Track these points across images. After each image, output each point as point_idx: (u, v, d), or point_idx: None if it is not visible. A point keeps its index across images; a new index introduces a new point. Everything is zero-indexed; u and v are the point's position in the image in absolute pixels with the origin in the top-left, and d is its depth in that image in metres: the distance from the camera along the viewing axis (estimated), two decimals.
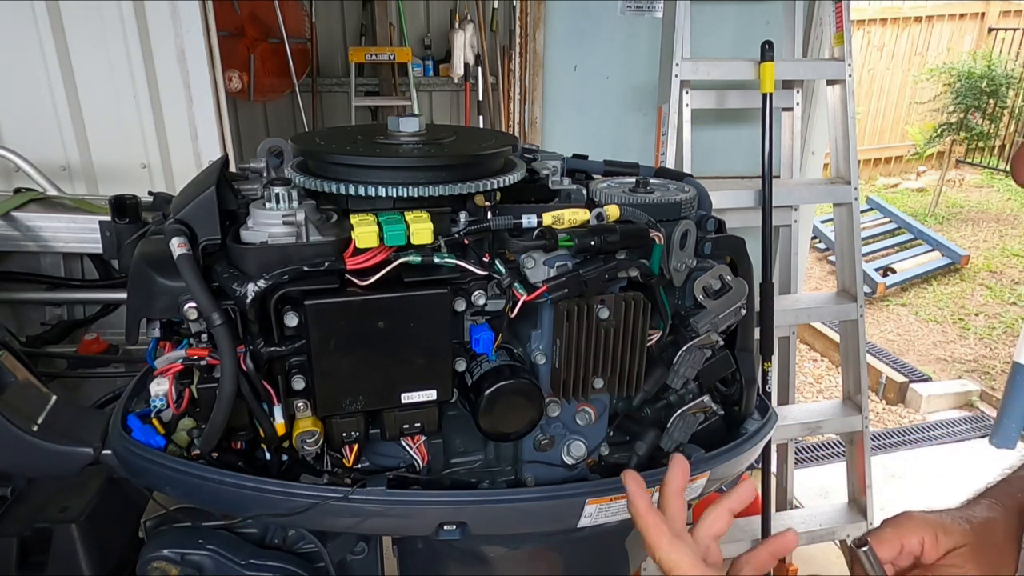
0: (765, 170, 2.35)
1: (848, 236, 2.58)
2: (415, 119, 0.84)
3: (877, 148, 9.61)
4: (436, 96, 5.19)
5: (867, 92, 9.33)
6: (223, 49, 2.27)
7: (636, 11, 3.28)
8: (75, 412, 0.95)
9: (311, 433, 0.76)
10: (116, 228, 0.97)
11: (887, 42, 9.36)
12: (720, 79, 2.48)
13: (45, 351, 1.50)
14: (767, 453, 2.47)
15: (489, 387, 0.77)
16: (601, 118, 3.48)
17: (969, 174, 9.47)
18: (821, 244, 6.93)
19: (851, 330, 2.64)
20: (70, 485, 1.07)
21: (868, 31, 9.18)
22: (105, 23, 2.05)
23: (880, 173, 9.60)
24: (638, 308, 0.79)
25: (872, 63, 9.37)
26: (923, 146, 8.80)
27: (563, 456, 0.87)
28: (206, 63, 2.15)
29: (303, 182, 0.77)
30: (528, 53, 3.43)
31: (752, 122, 2.66)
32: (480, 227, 0.77)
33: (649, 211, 0.81)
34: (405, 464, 0.84)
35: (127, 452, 0.77)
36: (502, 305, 0.78)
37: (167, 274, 0.71)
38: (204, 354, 0.72)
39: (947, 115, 8.18)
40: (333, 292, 0.72)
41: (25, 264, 1.57)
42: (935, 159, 9.23)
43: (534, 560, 0.95)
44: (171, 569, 0.84)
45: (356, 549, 0.94)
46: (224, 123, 2.26)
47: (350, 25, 5.09)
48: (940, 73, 8.38)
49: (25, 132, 2.09)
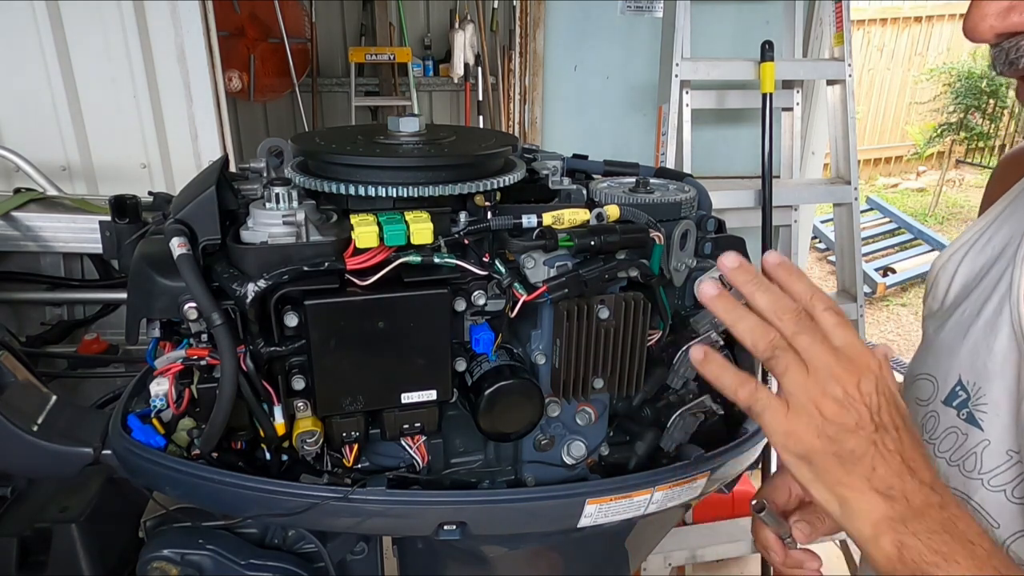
0: (765, 170, 2.36)
1: (848, 236, 2.58)
2: (415, 119, 0.84)
3: (877, 148, 9.61)
4: (436, 96, 5.19)
5: (867, 92, 9.33)
6: (223, 49, 2.27)
7: (636, 11, 3.28)
8: (75, 412, 0.95)
9: (311, 433, 0.76)
10: (116, 228, 0.97)
11: (887, 42, 9.36)
12: (720, 79, 2.48)
13: (45, 351, 1.50)
14: (767, 453, 2.47)
15: (489, 387, 0.77)
16: (601, 118, 3.49)
17: (969, 174, 9.47)
18: (821, 244, 6.93)
19: None
20: (70, 485, 1.07)
21: (868, 31, 9.18)
22: (105, 23, 2.06)
23: (880, 173, 9.60)
24: (638, 308, 0.79)
25: (872, 63, 9.37)
26: (923, 146, 8.81)
27: (563, 456, 0.87)
28: (206, 63, 2.15)
29: (303, 182, 0.77)
30: (528, 53, 3.43)
31: (752, 122, 2.66)
32: (480, 227, 0.77)
33: (649, 211, 0.81)
34: (405, 464, 0.84)
35: (127, 452, 0.77)
36: (502, 305, 0.78)
37: (167, 274, 0.71)
38: (204, 354, 0.72)
39: (947, 115, 8.19)
40: (333, 292, 0.72)
41: (25, 264, 1.57)
42: (935, 159, 9.24)
43: (534, 560, 0.95)
44: (171, 569, 0.84)
45: (356, 549, 0.94)
46: (224, 123, 2.26)
47: (350, 25, 5.09)
48: (940, 73, 8.39)
49: (25, 132, 2.09)
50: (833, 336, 0.59)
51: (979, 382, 0.73)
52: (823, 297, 0.60)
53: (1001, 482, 0.69)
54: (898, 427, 0.58)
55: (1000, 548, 0.57)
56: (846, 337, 0.59)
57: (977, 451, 0.72)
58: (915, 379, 0.83)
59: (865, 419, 0.57)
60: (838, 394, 0.57)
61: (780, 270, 0.61)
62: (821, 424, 0.57)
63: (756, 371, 0.87)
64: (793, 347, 0.59)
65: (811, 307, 0.60)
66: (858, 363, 0.58)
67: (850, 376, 0.57)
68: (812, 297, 0.60)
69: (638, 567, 2.49)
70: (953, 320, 0.79)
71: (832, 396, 0.57)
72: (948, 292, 0.83)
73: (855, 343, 0.59)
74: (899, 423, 0.58)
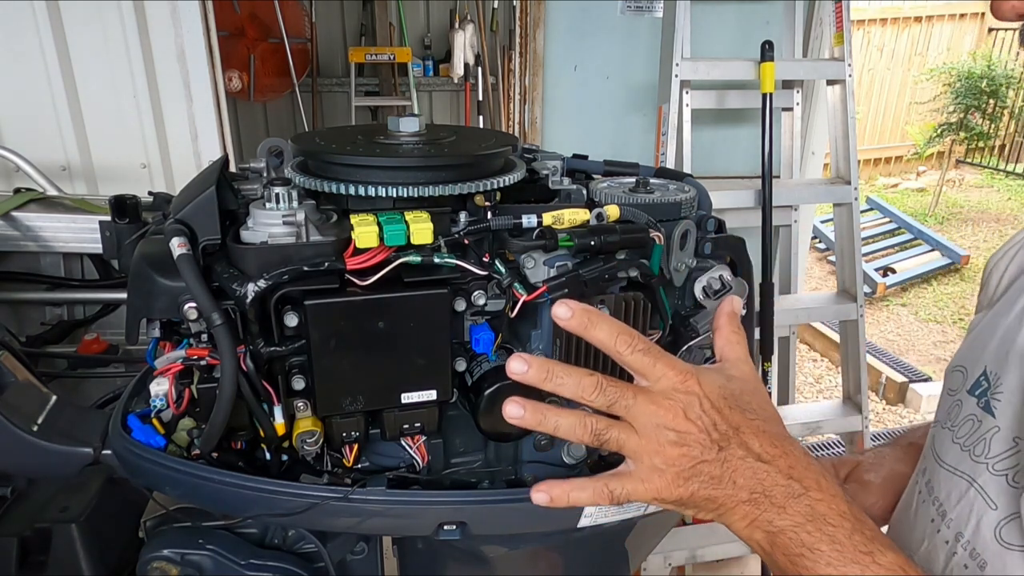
0: (765, 170, 2.36)
1: (848, 236, 2.58)
2: (415, 119, 0.84)
3: (877, 148, 9.61)
4: (436, 96, 5.19)
5: (867, 92, 9.34)
6: (223, 49, 2.27)
7: (636, 11, 3.28)
8: (75, 412, 0.95)
9: (311, 433, 0.76)
10: (116, 228, 0.97)
11: (887, 42, 9.37)
12: (720, 79, 2.48)
13: (45, 351, 1.50)
14: None
15: (489, 387, 0.77)
16: (601, 118, 3.49)
17: (969, 174, 9.48)
18: (821, 244, 6.94)
19: (851, 330, 2.64)
20: (70, 485, 1.07)
21: (868, 31, 9.18)
22: (105, 23, 2.06)
23: (880, 173, 9.61)
24: (638, 308, 0.79)
25: (872, 63, 9.38)
26: (923, 146, 8.81)
27: (563, 456, 0.87)
28: (206, 63, 2.15)
29: (303, 182, 0.77)
30: (528, 53, 3.43)
31: (752, 122, 2.67)
32: (480, 227, 0.77)
33: (649, 211, 0.81)
34: (405, 464, 0.84)
35: (127, 452, 0.77)
36: (502, 305, 0.78)
37: (167, 274, 0.71)
38: (204, 354, 0.72)
39: (947, 115, 8.19)
40: (333, 292, 0.72)
41: (25, 264, 1.57)
42: (935, 159, 9.24)
43: (534, 560, 0.95)
44: (171, 569, 0.84)
45: (356, 549, 0.94)
46: (224, 123, 2.26)
47: (350, 25, 5.09)
48: (940, 73, 8.39)
49: (25, 132, 2.09)
50: (647, 376, 0.60)
51: (999, 372, 0.75)
52: (625, 336, 0.60)
53: (1005, 467, 0.70)
54: (738, 426, 0.59)
55: (865, 520, 0.59)
56: (656, 370, 0.59)
57: (987, 437, 0.73)
58: (951, 371, 0.85)
59: (707, 444, 0.58)
60: (672, 437, 0.58)
61: (573, 323, 0.59)
62: (674, 472, 0.59)
63: (756, 371, 0.87)
64: (615, 416, 0.60)
65: (617, 354, 0.60)
66: (677, 396, 0.59)
67: (674, 414, 0.58)
68: (616, 342, 0.59)
69: (638, 567, 2.49)
70: (991, 313, 0.81)
71: (669, 442, 0.58)
72: (996, 288, 0.85)
73: (667, 373, 0.59)
74: (738, 420, 0.59)
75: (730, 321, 0.69)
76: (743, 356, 0.66)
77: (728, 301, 0.71)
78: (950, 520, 0.75)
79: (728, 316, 0.69)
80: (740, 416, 0.60)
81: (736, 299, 0.71)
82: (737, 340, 0.67)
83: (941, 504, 0.77)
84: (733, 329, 0.68)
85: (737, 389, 0.62)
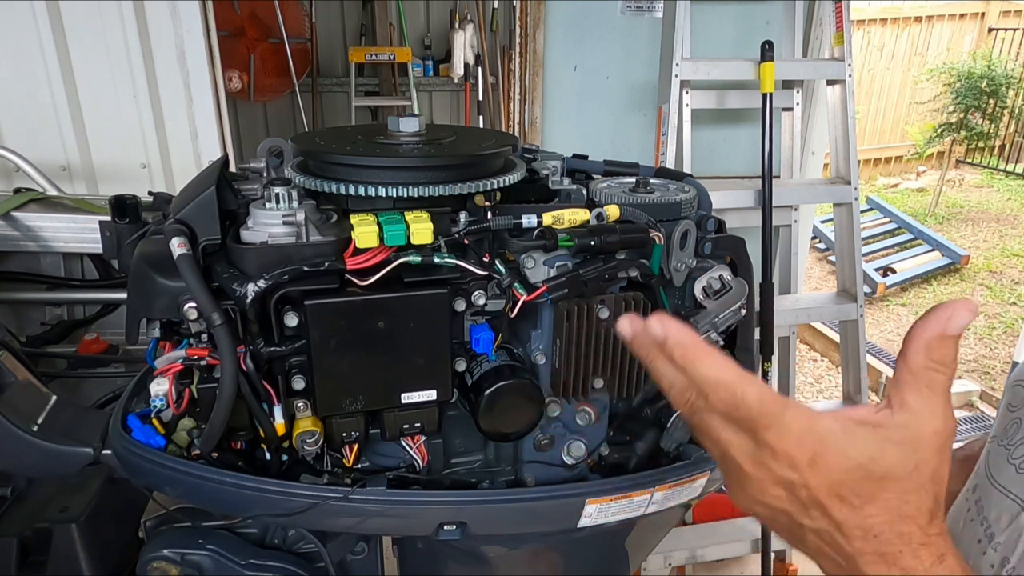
0: (765, 170, 2.36)
1: (848, 236, 2.58)
2: (415, 119, 0.84)
3: (877, 148, 9.61)
4: (436, 96, 5.19)
5: (867, 92, 9.33)
6: (223, 49, 2.27)
7: (636, 11, 3.28)
8: (75, 412, 0.95)
9: (311, 433, 0.76)
10: (116, 228, 0.97)
11: (887, 42, 9.36)
12: (720, 79, 2.48)
13: (45, 351, 1.50)
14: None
15: (489, 387, 0.77)
16: (601, 118, 3.48)
17: (969, 174, 9.47)
18: (821, 244, 6.93)
19: (851, 330, 2.64)
20: (70, 485, 1.07)
21: (868, 31, 9.18)
22: (105, 23, 2.06)
23: (880, 173, 9.60)
24: (638, 308, 0.79)
25: (872, 63, 9.37)
26: (923, 146, 8.80)
27: (563, 456, 0.87)
28: (206, 63, 2.15)
29: (303, 182, 0.77)
30: (528, 53, 3.43)
31: (752, 122, 2.66)
32: (480, 227, 0.77)
33: (649, 211, 0.81)
34: (405, 464, 0.84)
35: (127, 452, 0.77)
36: (502, 305, 0.78)
37: (167, 274, 0.71)
38: (204, 354, 0.72)
39: (947, 115, 8.18)
40: (333, 292, 0.72)
41: (25, 264, 1.57)
42: (935, 159, 9.24)
43: (534, 560, 0.95)
44: (171, 569, 0.84)
45: (356, 549, 0.94)
46: (224, 123, 2.26)
47: (350, 25, 5.09)
48: (940, 73, 8.39)
49: (25, 132, 2.09)
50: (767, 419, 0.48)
51: None
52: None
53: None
54: (840, 524, 0.47)
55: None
56: (784, 422, 0.47)
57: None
58: (1013, 385, 0.80)
59: (792, 525, 0.50)
60: (766, 487, 0.49)
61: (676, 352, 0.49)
62: (758, 504, 0.51)
63: (756, 371, 0.87)
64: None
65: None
66: (779, 468, 0.48)
67: (772, 480, 0.48)
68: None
69: (638, 567, 2.49)
70: None
71: (764, 480, 0.49)
72: None
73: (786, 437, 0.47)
74: (843, 517, 0.47)
75: (942, 346, 0.46)
76: (937, 410, 0.47)
77: (943, 318, 0.46)
78: (997, 544, 0.70)
79: (940, 341, 0.46)
80: (848, 513, 0.47)
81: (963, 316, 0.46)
82: (941, 384, 0.47)
83: (990, 525, 0.72)
84: (937, 364, 0.46)
85: (879, 472, 0.46)
